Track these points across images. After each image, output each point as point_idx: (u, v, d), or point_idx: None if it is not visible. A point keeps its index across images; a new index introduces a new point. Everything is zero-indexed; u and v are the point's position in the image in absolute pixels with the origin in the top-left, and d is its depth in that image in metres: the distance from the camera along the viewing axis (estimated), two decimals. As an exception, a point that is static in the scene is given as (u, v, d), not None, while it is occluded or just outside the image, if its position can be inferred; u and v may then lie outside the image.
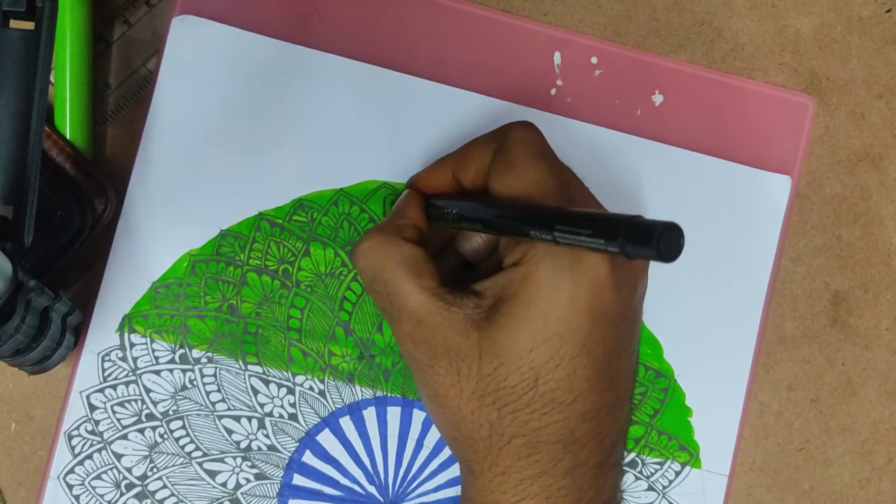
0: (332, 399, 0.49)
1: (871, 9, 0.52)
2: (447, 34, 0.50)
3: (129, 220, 0.49)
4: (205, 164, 0.49)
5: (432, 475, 0.50)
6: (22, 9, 0.42)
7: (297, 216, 0.50)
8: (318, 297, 0.49)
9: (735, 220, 0.50)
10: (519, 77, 0.51)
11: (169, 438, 0.49)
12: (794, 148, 0.51)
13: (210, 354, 0.49)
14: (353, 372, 0.49)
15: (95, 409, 0.49)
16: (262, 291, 0.49)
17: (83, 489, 0.48)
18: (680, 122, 0.51)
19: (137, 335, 0.49)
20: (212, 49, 0.49)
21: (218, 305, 0.49)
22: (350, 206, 0.50)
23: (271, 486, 0.49)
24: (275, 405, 0.49)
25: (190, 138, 0.49)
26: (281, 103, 0.49)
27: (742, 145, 0.51)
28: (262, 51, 0.49)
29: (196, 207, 0.49)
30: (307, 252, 0.50)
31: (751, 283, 0.50)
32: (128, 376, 0.49)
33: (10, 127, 0.42)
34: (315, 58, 0.50)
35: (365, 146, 0.50)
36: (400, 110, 0.50)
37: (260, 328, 0.49)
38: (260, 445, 0.49)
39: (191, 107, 0.49)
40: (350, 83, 0.50)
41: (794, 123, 0.51)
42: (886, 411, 0.51)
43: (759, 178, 0.51)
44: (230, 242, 0.49)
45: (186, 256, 0.49)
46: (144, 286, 0.49)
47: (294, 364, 0.49)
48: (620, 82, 0.51)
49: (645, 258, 0.33)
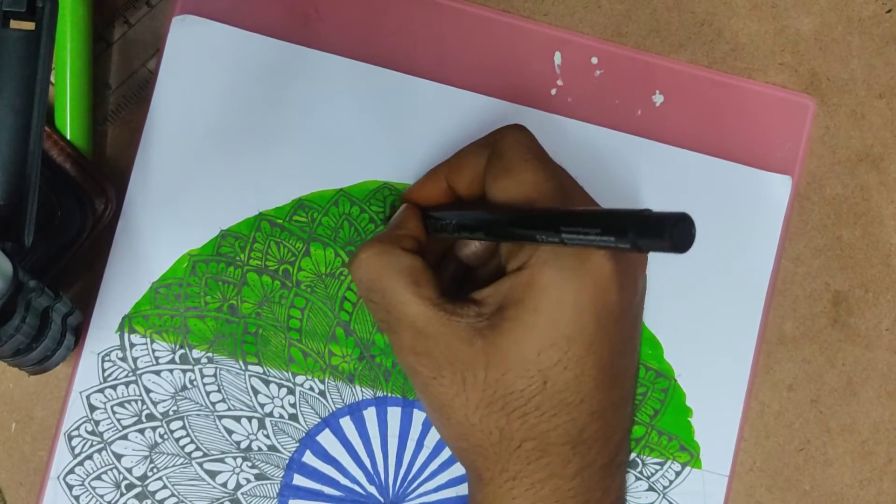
0: (333, 399, 0.49)
1: (872, 9, 0.52)
2: (448, 34, 0.50)
3: (128, 220, 0.49)
4: (205, 164, 0.49)
5: (432, 475, 0.50)
6: (22, 9, 0.42)
7: (297, 216, 0.49)
8: (318, 297, 0.49)
9: (736, 221, 0.50)
10: (519, 77, 0.51)
11: (169, 439, 0.49)
12: (795, 148, 0.51)
13: (210, 354, 0.49)
14: (353, 372, 0.49)
15: (95, 409, 0.49)
16: (262, 291, 0.49)
17: (83, 489, 0.48)
18: (680, 122, 0.51)
19: (138, 335, 0.49)
20: (212, 49, 0.49)
21: (218, 305, 0.49)
22: (350, 206, 0.50)
23: (271, 487, 0.49)
24: (275, 405, 0.49)
25: (190, 138, 0.49)
26: (281, 103, 0.49)
27: (742, 145, 0.51)
28: (263, 50, 0.49)
29: (196, 207, 0.49)
30: (307, 252, 0.49)
31: (751, 284, 0.50)
32: (128, 376, 0.49)
33: (11, 127, 0.42)
34: (315, 58, 0.50)
35: (365, 146, 0.50)
36: (400, 110, 0.50)
37: (260, 328, 0.49)
38: (260, 446, 0.49)
39: (191, 107, 0.49)
40: (350, 83, 0.50)
41: (795, 124, 0.51)
42: (887, 411, 0.51)
43: (759, 178, 0.51)
44: (230, 242, 0.49)
45: (186, 256, 0.49)
46: (145, 286, 0.49)
47: (294, 364, 0.49)
48: (621, 82, 0.51)
49: (658, 251, 0.33)
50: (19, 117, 0.42)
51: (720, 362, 0.50)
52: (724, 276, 0.50)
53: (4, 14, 0.42)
